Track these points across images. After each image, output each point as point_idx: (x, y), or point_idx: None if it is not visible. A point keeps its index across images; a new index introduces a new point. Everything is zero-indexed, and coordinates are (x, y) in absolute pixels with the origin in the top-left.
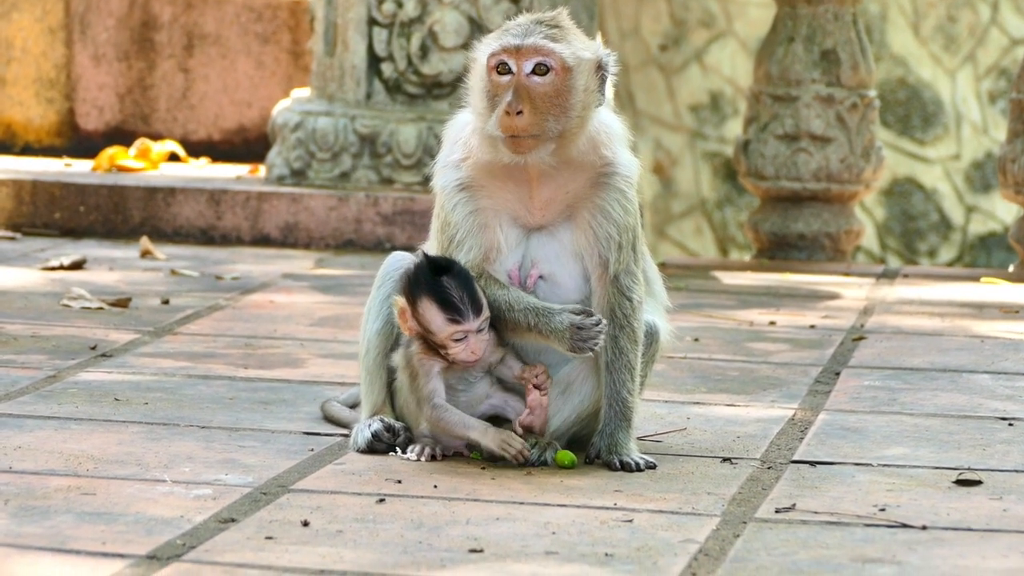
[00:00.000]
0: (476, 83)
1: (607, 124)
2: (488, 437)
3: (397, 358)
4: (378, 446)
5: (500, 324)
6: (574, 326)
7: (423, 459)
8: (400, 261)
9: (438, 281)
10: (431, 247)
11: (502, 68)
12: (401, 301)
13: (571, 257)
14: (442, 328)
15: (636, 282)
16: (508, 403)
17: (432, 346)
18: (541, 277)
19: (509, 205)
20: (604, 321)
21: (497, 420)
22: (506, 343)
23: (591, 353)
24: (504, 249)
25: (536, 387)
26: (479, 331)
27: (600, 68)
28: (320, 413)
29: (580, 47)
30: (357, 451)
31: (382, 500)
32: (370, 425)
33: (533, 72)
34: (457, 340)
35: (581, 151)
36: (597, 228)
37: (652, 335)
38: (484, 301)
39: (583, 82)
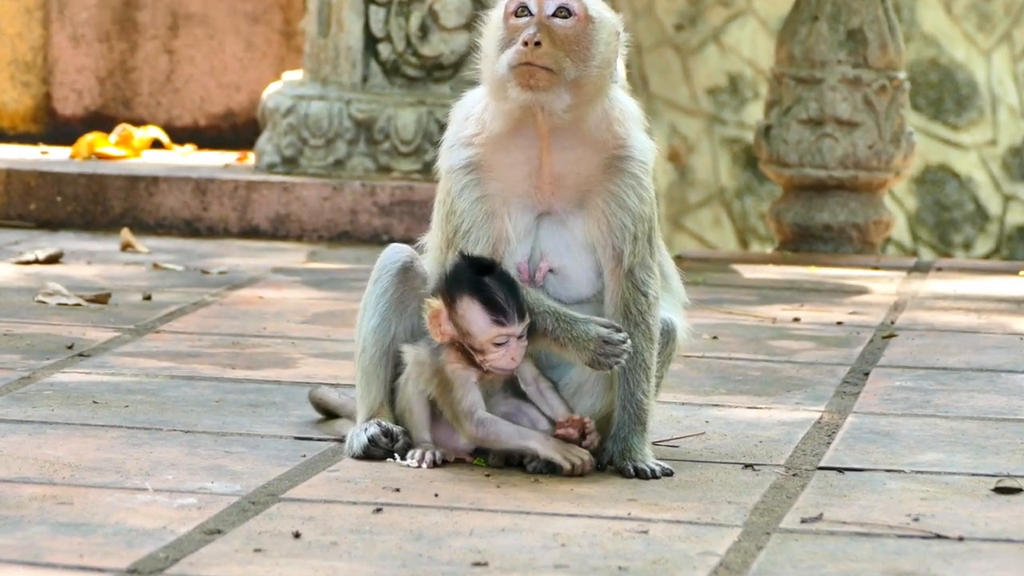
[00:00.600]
0: (490, 36)
1: (622, 103)
2: (549, 447)
3: (410, 354)
4: (375, 452)
5: None
6: (601, 339)
7: (424, 465)
8: (398, 254)
9: (482, 281)
10: (433, 238)
11: (521, 11)
12: (436, 303)
13: (583, 249)
14: (484, 331)
15: (652, 276)
16: (521, 409)
17: (466, 353)
18: (551, 271)
19: (518, 185)
20: (630, 341)
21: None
22: None
23: (608, 371)
24: (513, 239)
25: (583, 435)
26: (520, 337)
27: (617, 37)
28: (310, 404)
29: (602, 7)
30: (352, 457)
31: (379, 510)
32: (366, 429)
33: (554, 15)
34: (498, 345)
35: (595, 126)
36: (611, 217)
37: (668, 333)
38: (526, 305)
39: (604, 37)
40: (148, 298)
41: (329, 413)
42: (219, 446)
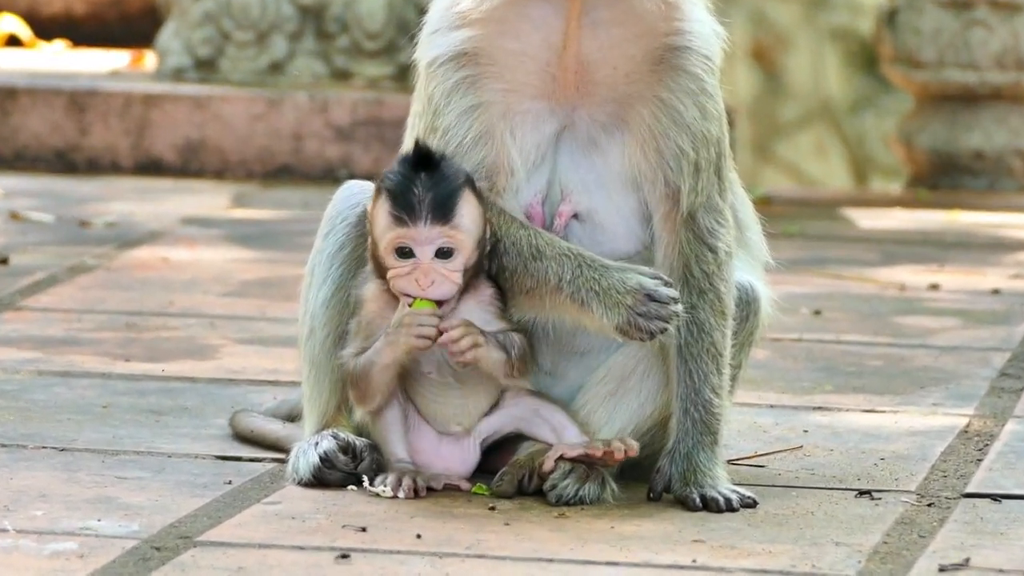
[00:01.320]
0: None
1: None
2: (398, 336)
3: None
4: (330, 476)
5: (515, 282)
6: (643, 290)
7: (402, 494)
8: (356, 196)
9: (404, 172)
10: None
11: None
12: (370, 203)
13: (622, 185)
14: (383, 231)
15: (722, 224)
16: (540, 414)
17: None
18: (575, 216)
19: (530, 81)
20: (680, 301)
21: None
22: (512, 318)
23: (649, 340)
24: (518, 169)
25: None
26: (440, 255)
27: None
28: (229, 428)
29: None
30: (298, 483)
31: (344, 556)
32: (316, 444)
33: None
34: (401, 255)
35: None
36: (661, 137)
37: (748, 303)
38: (463, 215)
39: None
40: (3, 261)
41: (264, 446)
42: (108, 469)
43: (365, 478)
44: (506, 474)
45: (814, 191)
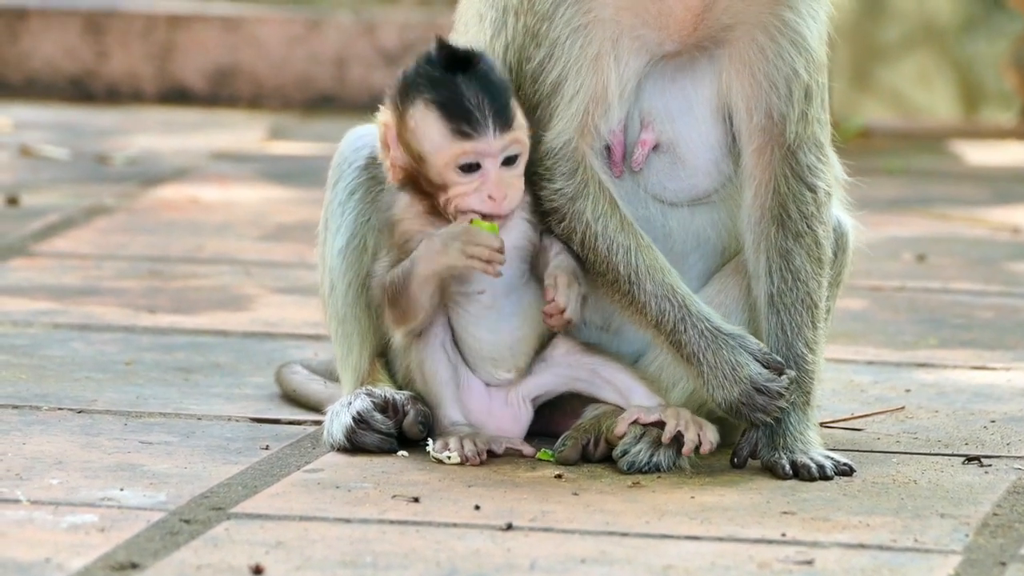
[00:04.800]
0: None
1: None
2: (447, 247)
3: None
4: (366, 438)
5: (597, 279)
6: (751, 384)
7: (472, 459)
8: (363, 139)
9: (446, 76)
10: None
11: None
12: (386, 115)
13: (709, 113)
14: (441, 147)
15: (824, 161)
16: (599, 373)
17: (428, 197)
18: (656, 148)
19: (647, 4)
20: (795, 385)
21: (560, 414)
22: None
23: (746, 423)
24: (613, 95)
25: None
26: (506, 163)
27: None
28: (276, 387)
29: None
30: (333, 448)
31: (389, 526)
32: (350, 404)
33: None
34: (465, 171)
35: None
36: (774, 60)
37: (836, 239)
38: (518, 113)
39: None
40: (14, 201)
41: (310, 408)
42: (131, 433)
43: (431, 442)
44: (568, 439)
45: (918, 122)
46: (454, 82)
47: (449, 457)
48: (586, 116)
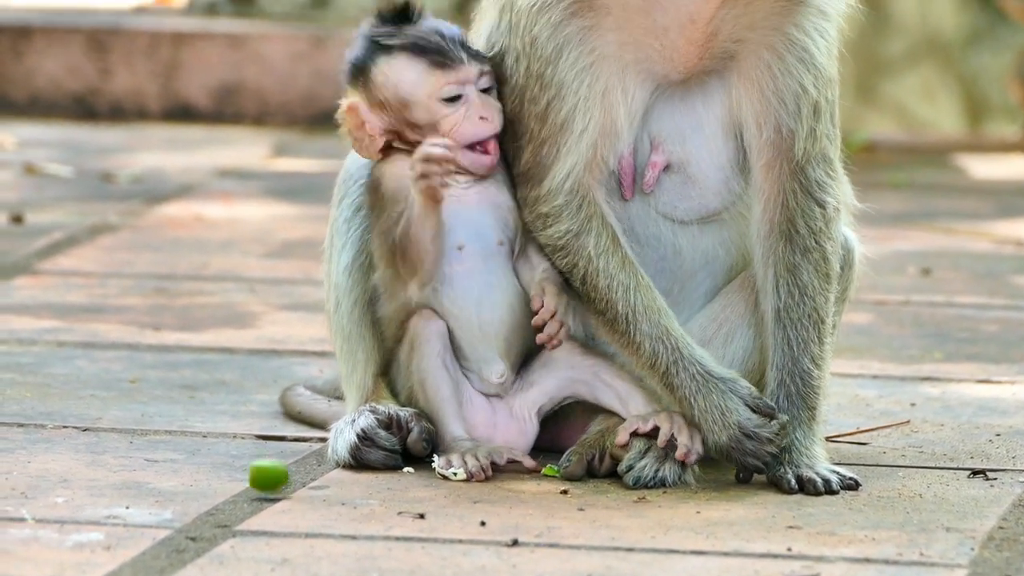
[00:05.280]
0: None
1: None
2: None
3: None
4: (370, 455)
5: (596, 317)
6: (740, 429)
7: (474, 474)
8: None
9: (405, 25)
10: None
11: None
12: (348, 99)
13: (720, 131)
14: (423, 82)
15: (833, 177)
16: (599, 376)
17: (411, 151)
18: (667, 168)
19: (654, 35)
20: (786, 430)
21: (565, 422)
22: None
23: (749, 468)
24: (622, 126)
25: None
26: (484, 90)
27: None
28: (279, 407)
29: None
30: (337, 465)
31: (395, 542)
32: (354, 421)
33: None
34: (451, 100)
35: None
36: (782, 76)
37: (843, 256)
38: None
39: None
40: (18, 219)
41: (314, 426)
42: (136, 451)
43: (436, 459)
44: (573, 454)
45: (922, 136)
46: (413, 27)
47: (456, 474)
48: (595, 150)
